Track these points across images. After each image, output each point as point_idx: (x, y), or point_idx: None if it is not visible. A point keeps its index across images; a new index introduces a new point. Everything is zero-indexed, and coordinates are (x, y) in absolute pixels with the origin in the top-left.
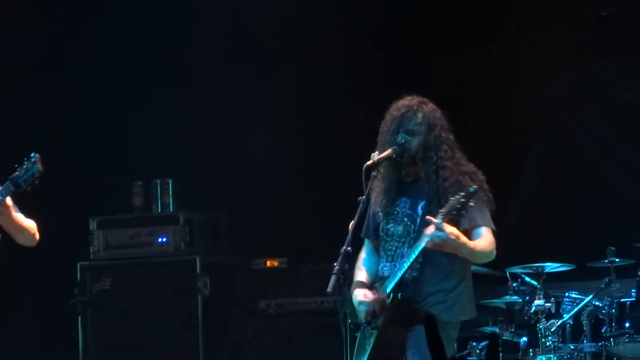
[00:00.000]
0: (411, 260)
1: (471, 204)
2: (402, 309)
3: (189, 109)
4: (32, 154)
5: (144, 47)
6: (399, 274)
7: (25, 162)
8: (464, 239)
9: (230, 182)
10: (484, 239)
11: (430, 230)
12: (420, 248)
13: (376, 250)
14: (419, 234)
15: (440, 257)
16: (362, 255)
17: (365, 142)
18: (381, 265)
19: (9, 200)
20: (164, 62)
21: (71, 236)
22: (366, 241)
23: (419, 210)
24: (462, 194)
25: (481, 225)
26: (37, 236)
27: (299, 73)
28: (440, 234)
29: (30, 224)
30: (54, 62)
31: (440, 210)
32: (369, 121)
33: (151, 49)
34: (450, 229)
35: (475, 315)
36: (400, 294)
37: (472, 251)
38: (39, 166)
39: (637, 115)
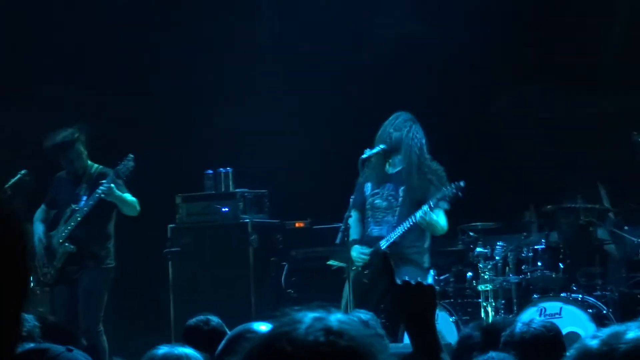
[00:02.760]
0: (405, 228)
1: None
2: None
3: (245, 116)
4: (130, 154)
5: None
6: (395, 235)
7: (124, 159)
8: (439, 223)
9: (269, 168)
10: (443, 219)
11: (420, 212)
12: (413, 221)
13: (360, 218)
14: (400, 209)
15: (417, 227)
16: (353, 221)
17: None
18: (370, 227)
19: (112, 185)
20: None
21: (164, 207)
22: (354, 211)
23: (400, 192)
24: (453, 187)
25: (441, 208)
26: (138, 208)
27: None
28: (427, 217)
29: (132, 200)
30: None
31: (436, 196)
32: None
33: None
34: (437, 216)
35: (430, 265)
36: (389, 250)
37: (442, 229)
38: (133, 163)
39: (552, 122)
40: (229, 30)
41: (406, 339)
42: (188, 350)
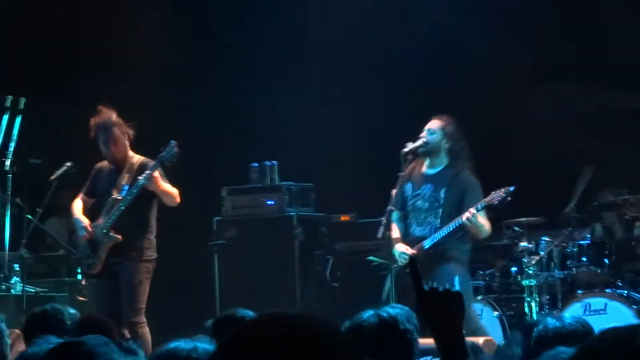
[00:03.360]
0: (450, 229)
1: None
2: (430, 262)
3: (291, 109)
4: (172, 141)
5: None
6: (440, 236)
7: (167, 146)
8: (481, 224)
9: (316, 162)
10: (486, 223)
11: (467, 215)
12: (458, 223)
13: (401, 218)
14: (442, 210)
15: (460, 229)
16: (395, 220)
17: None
18: (412, 228)
19: (156, 173)
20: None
21: (210, 200)
22: (395, 211)
23: (442, 194)
24: (501, 193)
25: (482, 211)
26: (178, 200)
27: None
28: (474, 220)
29: (173, 191)
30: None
31: (479, 205)
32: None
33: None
34: (480, 219)
35: (469, 275)
36: (433, 250)
37: (487, 233)
38: (176, 149)
39: (584, 118)
40: (275, 24)
41: None
42: (199, 343)
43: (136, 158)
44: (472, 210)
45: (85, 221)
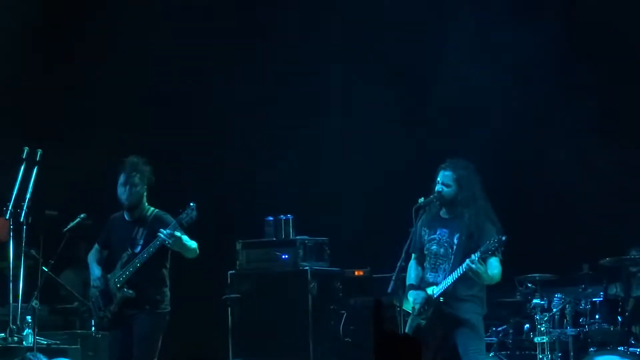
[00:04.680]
0: (455, 278)
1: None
2: (444, 308)
3: (307, 164)
4: (192, 204)
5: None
6: (446, 285)
7: (187, 209)
8: (486, 273)
9: (330, 218)
10: (496, 268)
11: (467, 263)
12: (462, 271)
13: (419, 261)
14: (455, 257)
15: (468, 277)
16: (411, 265)
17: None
18: (427, 273)
19: (177, 233)
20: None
21: (224, 254)
22: (413, 255)
23: (455, 240)
24: (495, 240)
25: (495, 256)
26: (197, 252)
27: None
28: (474, 267)
29: (193, 245)
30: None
31: (480, 249)
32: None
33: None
34: (481, 265)
35: (487, 311)
36: (442, 297)
37: (490, 279)
38: (196, 213)
39: (611, 174)
40: (297, 78)
41: None
42: None
43: (150, 210)
44: (473, 257)
45: (100, 272)
